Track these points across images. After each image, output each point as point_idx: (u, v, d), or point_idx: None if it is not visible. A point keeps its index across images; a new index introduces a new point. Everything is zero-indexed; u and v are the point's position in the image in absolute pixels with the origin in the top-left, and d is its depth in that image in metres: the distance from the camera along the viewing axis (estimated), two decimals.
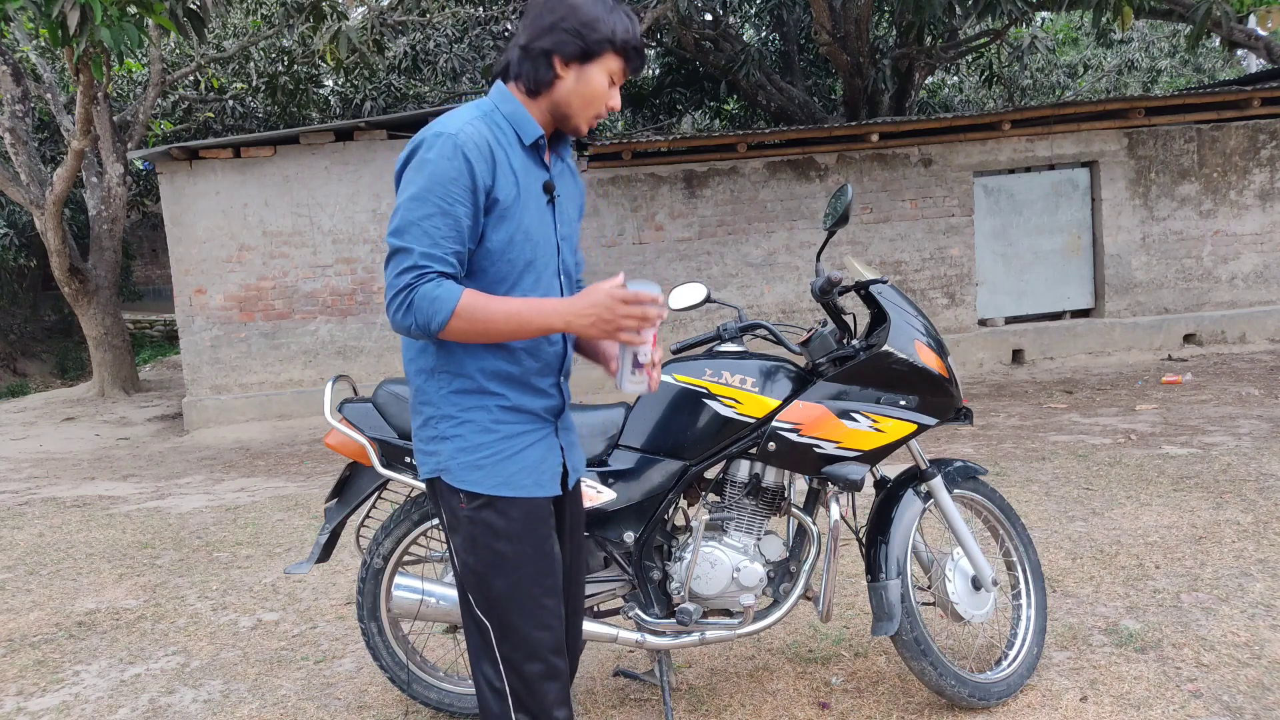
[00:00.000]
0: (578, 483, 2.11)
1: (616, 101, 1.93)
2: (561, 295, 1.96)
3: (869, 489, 2.79)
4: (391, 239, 1.77)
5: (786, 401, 2.57)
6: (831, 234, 2.68)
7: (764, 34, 15.35)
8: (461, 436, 1.88)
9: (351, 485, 2.80)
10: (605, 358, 2.08)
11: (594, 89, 1.88)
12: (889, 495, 2.76)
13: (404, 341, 1.95)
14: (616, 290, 1.73)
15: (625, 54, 1.90)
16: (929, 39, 11.64)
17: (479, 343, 1.83)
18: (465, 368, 1.88)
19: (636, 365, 1.86)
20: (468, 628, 1.97)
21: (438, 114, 8.91)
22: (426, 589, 2.69)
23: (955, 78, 18.79)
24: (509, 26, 12.75)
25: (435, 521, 2.77)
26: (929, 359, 2.58)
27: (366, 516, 2.95)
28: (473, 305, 1.74)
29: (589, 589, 2.66)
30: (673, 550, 2.66)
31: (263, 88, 13.76)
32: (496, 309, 1.76)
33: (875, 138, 9.00)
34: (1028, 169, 9.44)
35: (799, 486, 2.77)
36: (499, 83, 1.93)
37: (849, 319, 2.74)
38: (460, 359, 1.88)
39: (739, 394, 2.56)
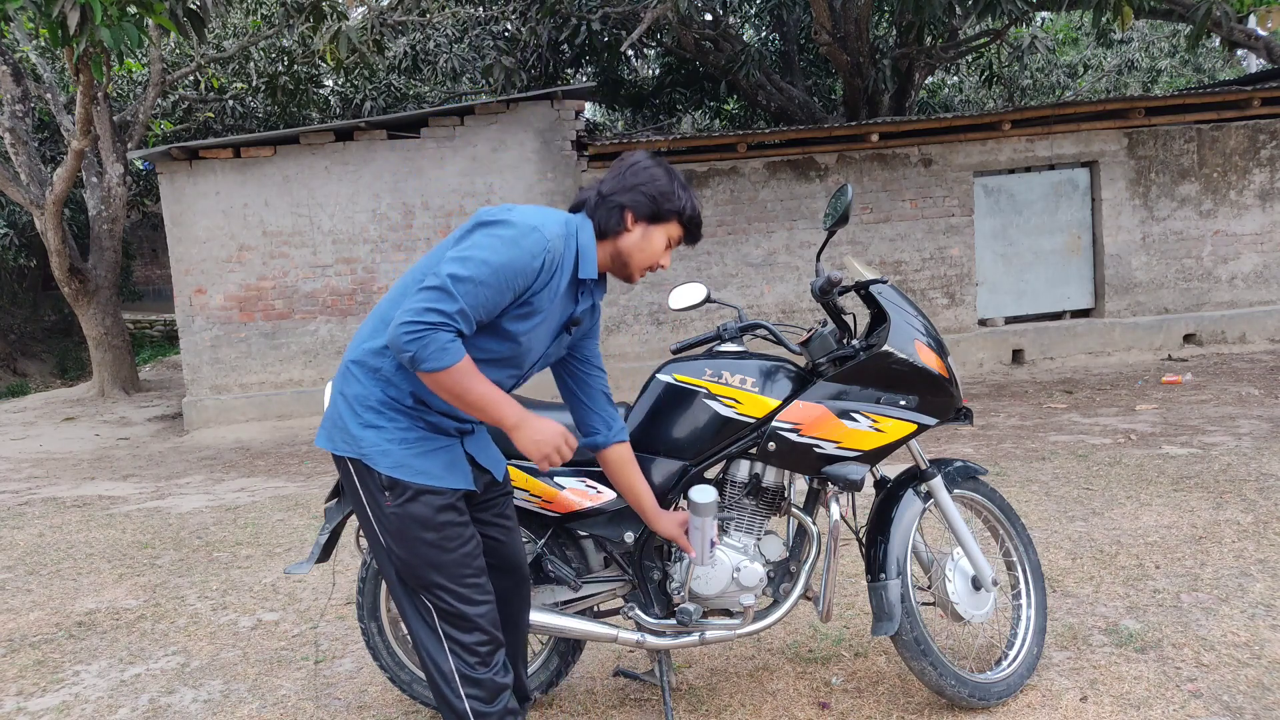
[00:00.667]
0: (506, 475, 2.39)
1: (668, 262, 2.25)
2: (505, 388, 2.19)
3: (869, 489, 2.79)
4: (447, 280, 1.94)
5: (786, 401, 2.57)
6: (831, 234, 2.68)
7: (764, 34, 15.35)
8: (385, 429, 2.09)
9: None
10: (631, 493, 2.46)
11: (654, 247, 2.20)
12: (889, 495, 2.76)
13: (369, 329, 2.14)
14: (569, 435, 2.11)
15: (687, 226, 2.22)
16: (929, 39, 11.63)
17: (446, 399, 2.03)
18: (403, 385, 2.09)
19: (711, 544, 2.44)
20: (408, 614, 2.18)
21: (438, 114, 8.95)
22: None
23: (955, 78, 18.78)
24: (509, 26, 12.75)
25: None
26: (929, 359, 2.58)
27: None
28: (463, 372, 1.97)
29: (589, 589, 2.67)
30: (673, 550, 2.66)
31: (263, 88, 13.75)
32: (477, 388, 2.00)
33: (875, 138, 9.00)
34: (1028, 169, 9.44)
35: (799, 486, 2.77)
36: (584, 215, 2.19)
37: (849, 319, 2.74)
38: (404, 377, 2.09)
39: (739, 394, 2.56)
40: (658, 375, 2.64)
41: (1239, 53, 17.41)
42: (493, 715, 2.18)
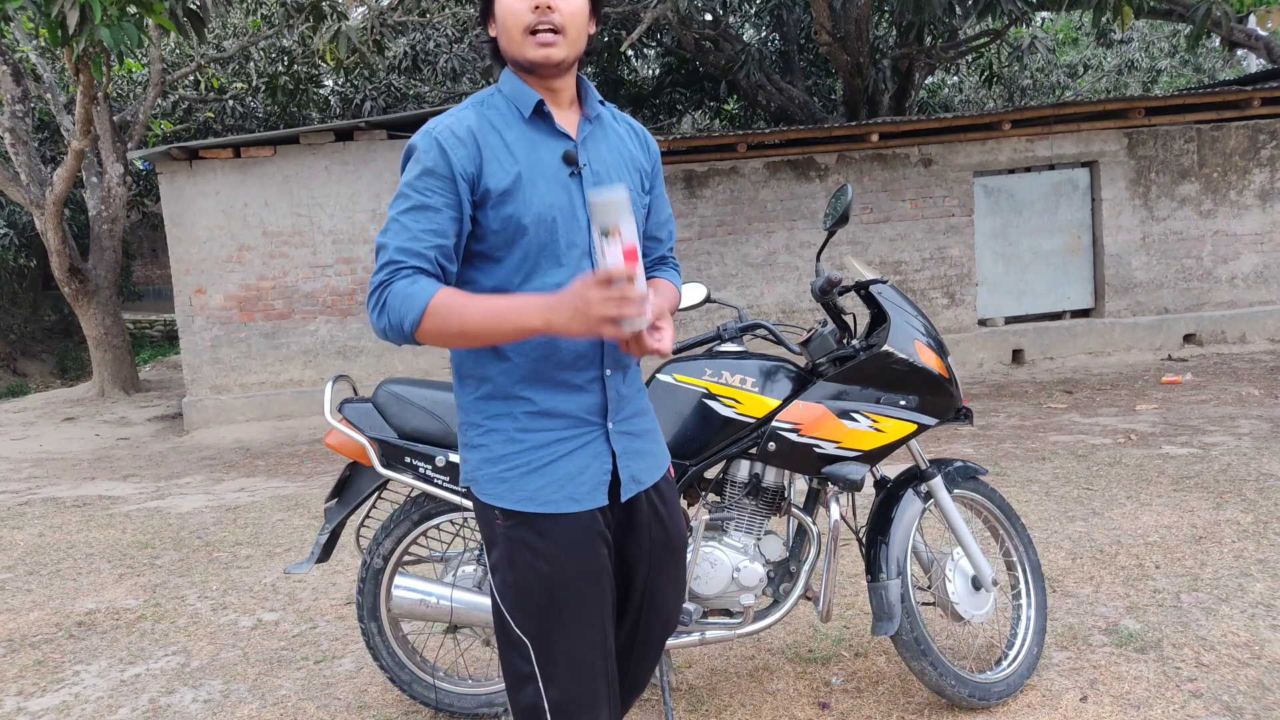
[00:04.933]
0: (645, 495, 1.87)
1: (526, 2, 1.70)
2: None
3: (869, 489, 2.79)
4: (379, 238, 1.69)
5: (786, 401, 2.57)
6: (831, 234, 2.68)
7: (764, 34, 15.35)
8: (486, 446, 1.77)
9: (351, 485, 2.80)
10: None
11: (505, 17, 1.72)
12: (889, 495, 2.76)
13: None
14: (589, 277, 1.50)
15: None
16: (929, 39, 11.63)
17: (460, 346, 1.69)
18: (488, 371, 1.75)
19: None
20: (504, 648, 1.83)
21: (438, 114, 8.93)
22: (427, 589, 2.69)
23: (955, 78, 18.79)
24: None
25: (436, 521, 2.78)
26: (929, 359, 2.58)
27: (366, 516, 2.95)
28: (447, 304, 1.60)
29: None
30: None
31: (263, 88, 13.76)
32: (472, 308, 1.61)
33: (875, 138, 9.00)
34: (1028, 169, 9.44)
35: (799, 486, 2.77)
36: (505, 67, 1.82)
37: (849, 319, 2.74)
38: (482, 361, 1.76)
39: (739, 394, 2.56)
40: (658, 375, 2.64)
41: (1239, 53, 17.41)
42: None
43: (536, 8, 1.67)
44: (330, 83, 15.70)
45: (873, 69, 11.37)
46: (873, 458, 2.57)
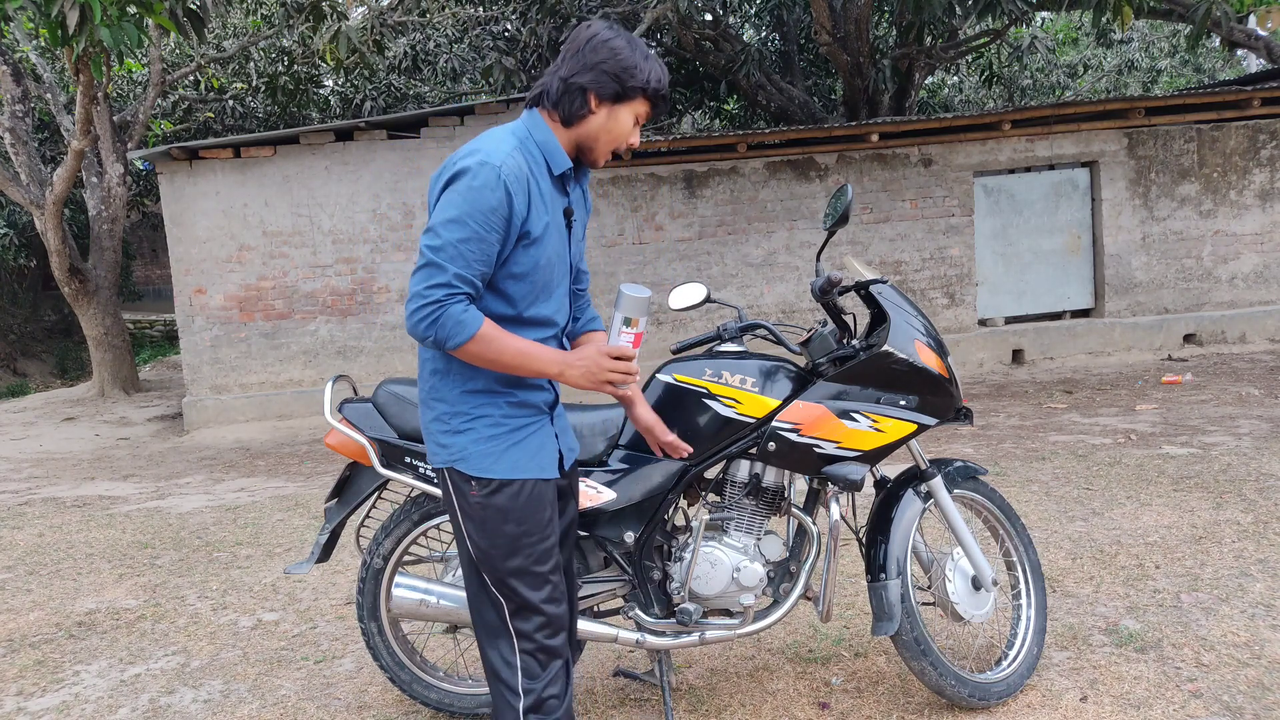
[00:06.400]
0: (573, 465, 2.31)
1: (636, 139, 2.12)
2: (567, 311, 2.17)
3: (869, 489, 2.79)
4: (427, 252, 1.91)
5: (786, 401, 2.57)
6: (831, 234, 2.68)
7: (764, 34, 15.35)
8: (475, 430, 2.07)
9: (351, 485, 2.80)
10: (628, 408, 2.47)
11: (621, 128, 2.07)
12: (889, 495, 2.76)
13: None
14: (604, 347, 2.03)
15: (654, 100, 2.08)
16: (929, 39, 11.63)
17: (483, 367, 2.01)
18: (478, 371, 2.05)
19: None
20: (479, 609, 2.14)
21: (438, 114, 8.95)
22: (427, 589, 2.69)
23: (955, 78, 18.79)
24: (509, 27, 12.75)
25: (436, 521, 2.78)
26: (929, 359, 2.58)
27: (366, 516, 2.95)
28: (490, 337, 1.94)
29: (589, 589, 2.67)
30: (673, 550, 2.66)
31: (263, 88, 13.76)
32: (509, 346, 1.97)
33: (875, 138, 9.00)
34: (1028, 169, 9.44)
35: (799, 486, 2.77)
36: (534, 110, 2.07)
37: (849, 319, 2.74)
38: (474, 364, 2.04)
39: (739, 394, 2.56)
40: (658, 375, 2.64)
41: (1239, 53, 17.42)
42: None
43: (625, 147, 2.13)
44: (330, 83, 15.70)
45: (873, 69, 11.37)
46: (873, 458, 2.57)
